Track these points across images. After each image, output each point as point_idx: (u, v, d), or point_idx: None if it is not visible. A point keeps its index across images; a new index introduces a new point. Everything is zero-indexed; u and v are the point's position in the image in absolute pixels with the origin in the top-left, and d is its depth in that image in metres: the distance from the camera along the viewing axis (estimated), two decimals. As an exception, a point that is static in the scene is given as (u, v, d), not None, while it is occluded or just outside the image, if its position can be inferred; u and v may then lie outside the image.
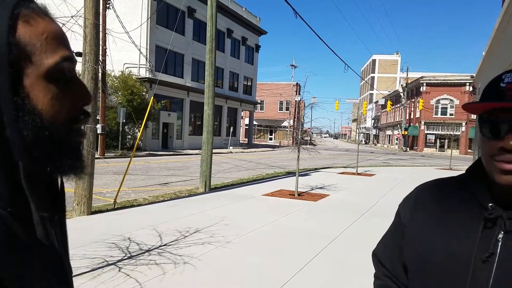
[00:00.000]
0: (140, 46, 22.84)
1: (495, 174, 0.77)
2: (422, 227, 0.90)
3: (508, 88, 0.75)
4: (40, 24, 0.52)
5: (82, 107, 0.57)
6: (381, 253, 1.04)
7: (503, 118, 0.75)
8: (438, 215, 0.88)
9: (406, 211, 0.96)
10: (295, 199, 9.01)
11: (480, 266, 0.78)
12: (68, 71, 0.55)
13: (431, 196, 0.93)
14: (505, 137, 0.75)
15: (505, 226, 0.77)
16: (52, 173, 0.55)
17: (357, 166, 16.37)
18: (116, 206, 7.39)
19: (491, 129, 0.77)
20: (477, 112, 0.82)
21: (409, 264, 0.92)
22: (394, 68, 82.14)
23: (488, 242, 0.78)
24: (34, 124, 0.50)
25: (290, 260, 4.72)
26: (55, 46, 0.53)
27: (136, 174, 13.13)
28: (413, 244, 0.91)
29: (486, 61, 13.82)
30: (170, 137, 27.39)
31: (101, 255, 4.53)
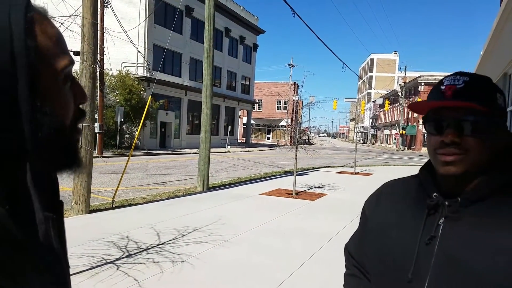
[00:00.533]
0: (138, 45, 22.81)
1: (437, 166, 0.88)
2: (380, 217, 1.01)
3: (446, 89, 0.86)
4: (48, 27, 0.54)
5: (80, 105, 0.59)
6: (350, 246, 1.16)
7: (443, 116, 0.86)
8: (394, 206, 0.99)
9: (370, 205, 1.08)
10: (293, 198, 9.03)
11: (424, 248, 0.87)
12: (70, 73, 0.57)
13: (391, 191, 1.05)
14: (445, 132, 0.85)
15: (445, 211, 0.87)
16: (54, 170, 0.57)
17: (355, 166, 16.40)
18: (114, 205, 7.40)
19: (434, 126, 0.88)
20: (422, 112, 0.92)
21: (368, 249, 1.03)
22: (392, 67, 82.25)
23: (431, 227, 0.88)
24: (48, 124, 0.52)
25: (288, 259, 4.74)
26: (62, 49, 0.55)
27: (134, 173, 13.13)
28: (372, 233, 1.02)
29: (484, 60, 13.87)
30: (168, 136, 27.37)
31: (100, 253, 4.54)
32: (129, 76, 23.19)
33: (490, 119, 0.84)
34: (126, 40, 20.00)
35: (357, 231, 1.14)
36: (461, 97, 0.84)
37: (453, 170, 0.84)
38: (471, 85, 0.85)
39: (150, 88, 24.14)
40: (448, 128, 0.84)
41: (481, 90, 0.85)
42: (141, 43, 23.97)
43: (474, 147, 0.83)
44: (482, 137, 0.83)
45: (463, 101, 0.83)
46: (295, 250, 5.10)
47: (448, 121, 0.85)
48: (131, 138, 24.05)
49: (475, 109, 0.82)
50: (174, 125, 27.71)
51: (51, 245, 0.56)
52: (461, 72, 0.88)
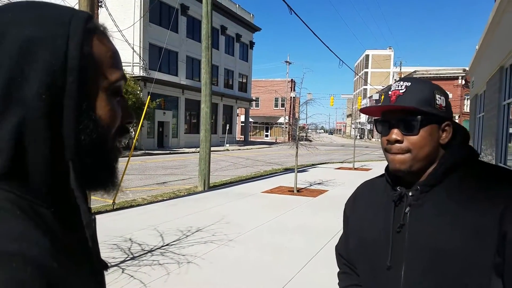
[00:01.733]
0: (133, 45, 22.67)
1: (389, 164, 0.99)
2: (358, 216, 1.11)
3: (392, 94, 0.96)
4: (105, 41, 0.57)
5: (125, 124, 0.61)
6: (339, 246, 1.25)
7: (388, 118, 0.97)
8: (368, 204, 1.09)
9: (349, 206, 1.20)
10: (295, 196, 9.01)
11: (397, 237, 0.96)
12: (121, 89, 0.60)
13: (365, 191, 1.15)
14: (389, 132, 0.95)
15: (409, 200, 0.96)
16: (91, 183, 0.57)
17: (354, 161, 16.40)
18: (115, 207, 7.34)
19: (381, 127, 0.98)
20: (376, 115, 1.03)
21: (352, 247, 1.12)
22: (387, 63, 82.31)
23: (399, 216, 0.96)
24: (92, 130, 0.54)
25: (294, 257, 4.71)
26: (116, 64, 0.58)
27: (133, 174, 13.05)
28: (353, 230, 1.12)
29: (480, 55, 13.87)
30: (165, 135, 27.27)
31: (103, 256, 4.43)
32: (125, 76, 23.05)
33: (430, 117, 0.92)
34: (121, 39, 19.86)
35: (342, 232, 1.24)
36: (402, 101, 0.93)
37: (399, 166, 0.94)
38: (411, 89, 0.94)
39: (146, 88, 24.03)
40: (392, 128, 0.95)
41: (421, 94, 0.93)
42: (137, 43, 23.83)
43: (416, 145, 0.92)
44: (422, 135, 0.92)
45: (401, 105, 0.93)
46: (300, 248, 5.07)
47: (392, 122, 0.95)
48: (128, 139, 23.92)
49: (412, 110, 0.92)
50: (171, 125, 27.61)
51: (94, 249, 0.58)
52: (406, 78, 0.98)
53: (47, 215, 0.50)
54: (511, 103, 8.98)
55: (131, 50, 22.85)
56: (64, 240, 0.50)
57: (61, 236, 0.50)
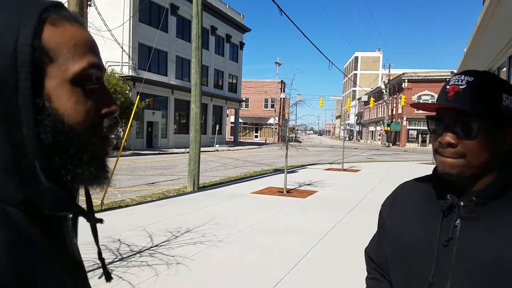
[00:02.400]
0: (122, 44, 22.48)
1: (437, 165, 0.88)
2: (397, 220, 0.99)
3: (450, 89, 0.84)
4: (68, 30, 0.53)
5: (107, 115, 0.57)
6: (370, 249, 1.14)
7: (443, 116, 0.85)
8: (410, 208, 0.97)
9: (386, 208, 1.07)
10: (284, 196, 9.03)
11: (443, 250, 0.85)
12: (95, 78, 0.55)
13: (406, 193, 1.03)
14: (443, 133, 0.84)
15: (461, 212, 0.85)
16: (72, 181, 0.53)
17: (343, 162, 16.52)
18: (104, 208, 7.26)
19: (434, 126, 0.88)
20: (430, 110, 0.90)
21: (386, 252, 1.02)
22: (376, 65, 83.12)
23: (448, 228, 0.86)
24: (53, 128, 0.50)
25: (283, 258, 4.72)
26: (83, 52, 0.53)
27: (121, 174, 12.93)
28: (390, 235, 1.00)
29: (468, 58, 14.09)
30: (154, 136, 27.09)
31: (91, 257, 4.39)
32: (114, 75, 22.83)
33: (492, 122, 0.80)
34: (111, 39, 19.66)
35: (375, 234, 1.13)
36: (461, 99, 0.81)
37: (450, 172, 0.84)
38: (473, 85, 0.82)
39: (135, 87, 23.84)
40: (445, 129, 0.84)
41: (484, 92, 0.81)
42: (126, 42, 23.64)
43: (472, 151, 0.81)
44: (481, 140, 0.81)
45: (457, 105, 0.82)
46: (290, 248, 5.09)
47: (447, 122, 0.84)
48: (117, 139, 23.62)
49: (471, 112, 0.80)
50: (161, 125, 27.45)
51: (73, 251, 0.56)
52: (467, 71, 0.85)
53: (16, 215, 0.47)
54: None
55: (121, 50, 22.65)
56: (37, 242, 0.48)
57: (34, 238, 0.48)
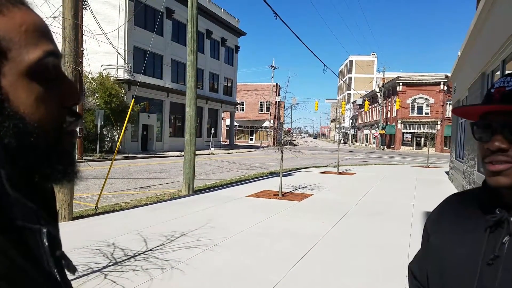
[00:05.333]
0: (118, 47, 22.42)
1: (486, 176, 0.80)
2: (441, 235, 0.93)
3: (495, 92, 0.79)
4: (17, 14, 0.46)
5: (71, 107, 0.52)
6: (413, 266, 1.07)
7: (490, 121, 0.78)
8: (455, 224, 0.91)
9: (431, 223, 1.00)
10: (280, 200, 9.02)
11: (486, 269, 0.79)
12: (52, 68, 0.49)
13: (452, 207, 0.96)
14: (492, 139, 0.77)
15: (510, 229, 0.78)
16: (42, 181, 0.50)
17: (338, 165, 16.55)
18: (98, 211, 7.21)
19: (481, 132, 0.80)
20: (473, 118, 0.84)
21: (429, 270, 0.95)
22: (370, 68, 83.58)
23: (494, 246, 0.79)
24: (16, 130, 0.45)
25: (279, 261, 4.70)
26: (36, 39, 0.47)
27: (116, 177, 12.86)
28: (433, 252, 0.94)
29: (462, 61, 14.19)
30: (150, 139, 27.00)
31: (85, 262, 4.40)
32: (109, 78, 22.77)
33: None
34: (106, 42, 19.62)
35: (419, 251, 1.07)
36: (509, 100, 0.76)
37: (502, 181, 0.76)
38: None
39: (130, 91, 23.77)
40: (495, 134, 0.77)
41: None
42: (121, 45, 23.59)
43: None
44: None
45: (505, 105, 0.76)
46: (286, 252, 5.07)
47: (495, 127, 0.77)
48: (111, 142, 23.60)
49: None
50: (156, 128, 27.38)
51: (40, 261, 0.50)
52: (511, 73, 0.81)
53: None
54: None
55: (116, 53, 22.60)
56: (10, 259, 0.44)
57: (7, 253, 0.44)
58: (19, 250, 0.46)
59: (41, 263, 0.50)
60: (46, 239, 0.50)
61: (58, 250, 0.56)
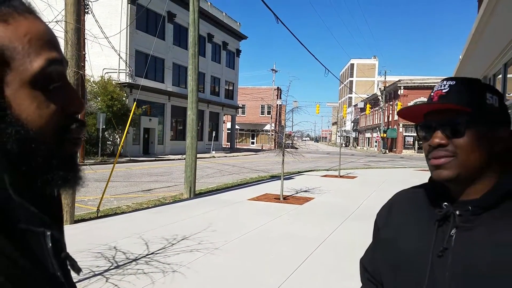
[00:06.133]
0: (119, 51, 22.51)
1: (431, 172, 0.86)
2: (392, 229, 0.98)
3: (434, 95, 0.86)
4: (22, 24, 0.47)
5: (73, 114, 0.52)
6: (365, 259, 1.12)
7: (430, 121, 0.85)
8: (406, 218, 0.96)
9: (382, 217, 1.05)
10: (281, 203, 9.01)
11: (437, 261, 0.83)
12: (56, 75, 0.50)
13: (402, 202, 1.02)
14: (432, 136, 0.84)
15: (456, 221, 0.83)
16: (43, 187, 0.51)
17: (339, 169, 16.53)
18: (100, 214, 7.22)
19: (422, 131, 0.87)
20: (416, 120, 0.91)
21: (379, 261, 1.00)
22: (372, 72, 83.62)
23: (443, 238, 0.84)
24: (18, 136, 0.46)
25: (280, 265, 4.70)
26: (40, 48, 0.48)
27: (117, 180, 12.87)
28: (384, 245, 0.99)
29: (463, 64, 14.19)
30: (151, 142, 27.04)
31: (87, 265, 4.40)
32: (111, 82, 22.84)
33: (479, 119, 0.81)
34: (108, 46, 19.72)
35: (371, 244, 1.12)
36: (445, 100, 0.83)
37: (444, 173, 0.82)
38: (456, 88, 0.84)
39: (132, 94, 23.84)
40: (435, 132, 0.84)
41: (467, 92, 0.83)
42: (123, 49, 23.68)
43: (463, 149, 0.81)
44: (470, 138, 0.81)
45: (440, 103, 0.83)
46: (287, 256, 5.07)
47: (434, 125, 0.84)
48: (113, 145, 23.64)
49: (457, 110, 0.81)
50: (157, 131, 27.42)
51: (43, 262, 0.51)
52: (450, 78, 0.87)
53: None
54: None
55: (118, 57, 22.69)
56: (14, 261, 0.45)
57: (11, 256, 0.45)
58: (23, 252, 0.47)
59: (45, 264, 0.51)
60: (50, 242, 0.51)
61: (63, 252, 0.56)
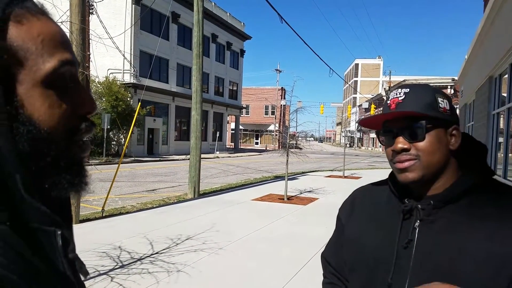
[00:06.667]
0: (124, 52, 22.59)
1: (396, 175, 0.91)
2: (357, 225, 1.03)
3: (391, 103, 0.91)
4: (35, 25, 0.48)
5: (84, 116, 0.53)
6: (327, 254, 1.16)
7: (390, 127, 0.90)
8: (369, 213, 1.01)
9: (344, 213, 1.10)
10: (285, 204, 9.00)
11: (402, 252, 0.89)
12: (69, 76, 0.50)
13: (365, 197, 1.07)
14: (395, 141, 0.89)
15: (420, 215, 0.89)
16: (50, 189, 0.51)
17: (344, 169, 16.49)
18: (104, 214, 7.25)
19: (385, 138, 0.92)
20: (377, 127, 0.96)
21: (347, 258, 1.04)
22: (376, 72, 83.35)
23: (407, 231, 0.89)
24: (30, 135, 0.46)
25: (284, 266, 4.69)
26: (53, 49, 0.49)
27: (122, 181, 12.92)
28: (350, 240, 1.03)
29: (469, 65, 14.10)
30: (155, 142, 27.12)
31: (92, 264, 4.42)
32: (116, 82, 22.93)
33: (435, 122, 0.87)
34: (112, 46, 19.77)
35: (332, 238, 1.16)
36: (402, 107, 0.88)
37: (410, 176, 0.87)
38: (411, 95, 0.89)
39: (136, 95, 23.91)
40: (396, 137, 0.89)
41: (421, 98, 0.88)
42: (127, 50, 23.76)
43: (424, 151, 0.86)
44: (429, 141, 0.86)
45: (401, 111, 0.87)
46: (291, 256, 5.06)
47: (395, 132, 0.89)
48: (118, 145, 23.73)
49: (414, 115, 0.86)
50: (161, 132, 27.49)
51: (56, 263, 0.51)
52: (403, 85, 0.92)
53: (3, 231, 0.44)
54: (500, 112, 9.13)
55: (122, 57, 22.77)
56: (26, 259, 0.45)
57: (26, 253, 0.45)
58: (35, 251, 0.47)
59: (56, 264, 0.51)
60: (60, 241, 0.51)
61: (72, 252, 0.56)
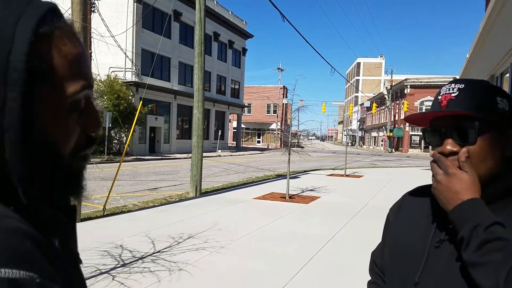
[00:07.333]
0: (126, 50, 22.61)
1: None
2: (401, 224, 1.02)
3: (442, 99, 0.85)
4: (65, 45, 0.48)
5: (90, 134, 0.55)
6: (375, 253, 1.15)
7: (439, 126, 0.85)
8: (413, 214, 1.00)
9: (392, 213, 1.09)
10: (287, 202, 9.00)
11: (434, 251, 0.87)
12: (84, 99, 0.52)
13: (415, 197, 1.04)
14: (444, 143, 0.83)
15: None
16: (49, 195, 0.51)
17: (345, 168, 16.47)
18: (106, 213, 7.25)
19: (431, 137, 0.88)
20: (424, 124, 0.92)
21: (385, 257, 1.04)
22: (378, 70, 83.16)
23: (441, 231, 0.88)
24: (40, 150, 0.47)
25: (286, 264, 4.69)
26: (77, 73, 0.49)
27: (124, 179, 12.94)
28: (390, 239, 1.03)
29: (470, 63, 14.08)
30: (157, 141, 27.15)
31: (94, 263, 4.43)
32: (117, 81, 22.94)
33: (490, 124, 0.80)
34: (114, 44, 19.81)
35: (382, 238, 1.14)
36: (455, 105, 0.82)
37: None
38: (466, 92, 0.82)
39: (138, 93, 23.93)
40: (444, 138, 0.83)
41: (477, 96, 0.81)
42: (129, 48, 23.78)
43: (475, 156, 0.80)
44: (481, 145, 0.80)
45: (453, 110, 0.81)
46: (292, 255, 5.06)
47: (444, 131, 0.83)
48: (119, 144, 23.75)
49: (469, 116, 0.79)
50: (163, 130, 27.52)
51: None
52: (457, 80, 0.85)
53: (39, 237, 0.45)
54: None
55: (124, 56, 22.79)
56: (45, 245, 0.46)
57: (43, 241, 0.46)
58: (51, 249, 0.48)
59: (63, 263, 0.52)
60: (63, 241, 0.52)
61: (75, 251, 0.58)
